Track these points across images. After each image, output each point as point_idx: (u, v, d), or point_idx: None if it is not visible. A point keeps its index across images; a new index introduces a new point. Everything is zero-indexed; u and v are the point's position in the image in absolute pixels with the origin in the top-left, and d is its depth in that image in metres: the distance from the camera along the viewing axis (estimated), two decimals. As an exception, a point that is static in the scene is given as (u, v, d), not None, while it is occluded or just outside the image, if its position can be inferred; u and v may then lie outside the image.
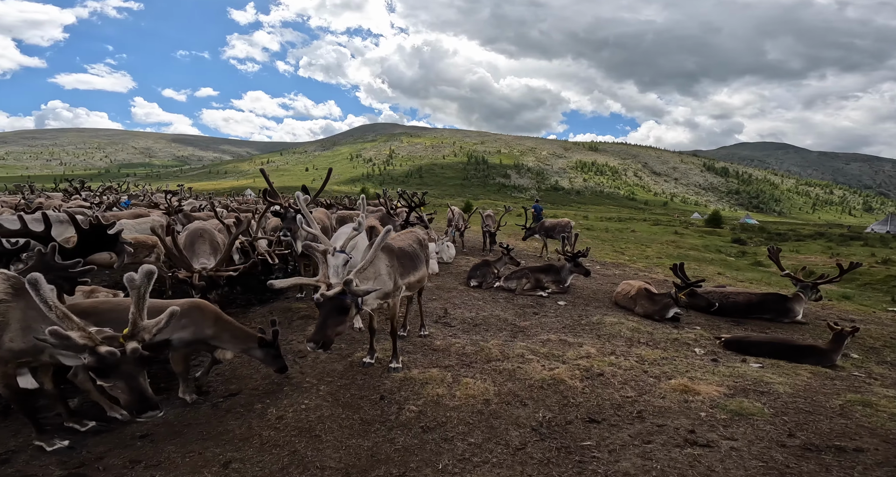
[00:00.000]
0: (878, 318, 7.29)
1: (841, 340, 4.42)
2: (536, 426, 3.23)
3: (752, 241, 31.66)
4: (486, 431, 3.18)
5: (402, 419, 3.33)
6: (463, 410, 3.45)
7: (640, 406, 3.53)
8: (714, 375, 4.08)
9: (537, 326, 5.88)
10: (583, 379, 3.96)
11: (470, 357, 4.55)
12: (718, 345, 5.03)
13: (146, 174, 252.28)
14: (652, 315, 6.18)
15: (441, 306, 6.89)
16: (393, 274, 3.90)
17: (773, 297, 6.17)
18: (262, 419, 3.32)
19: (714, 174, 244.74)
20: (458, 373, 4.12)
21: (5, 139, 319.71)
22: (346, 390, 3.80)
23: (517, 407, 3.51)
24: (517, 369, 4.15)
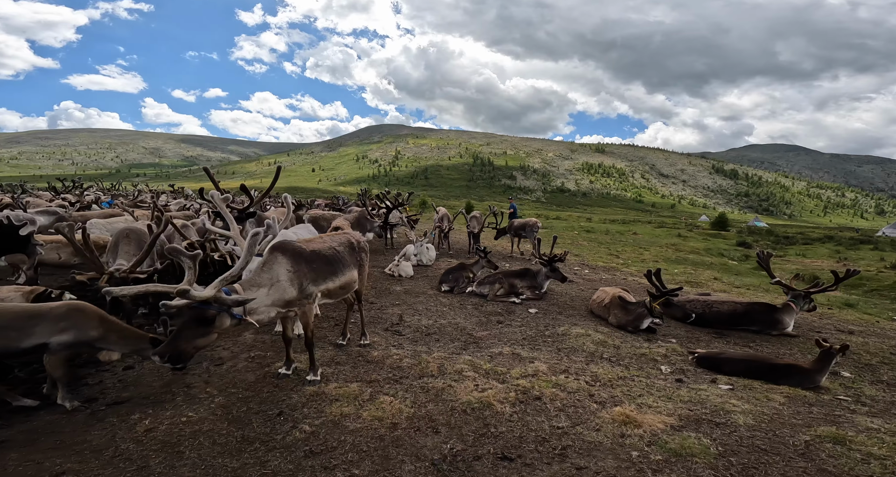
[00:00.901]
0: (881, 329, 6.65)
1: (827, 359, 3.85)
2: (438, 460, 2.81)
3: (758, 244, 30.76)
4: (377, 461, 2.81)
5: (288, 440, 3.00)
6: (363, 434, 3.09)
7: (568, 440, 3.02)
8: (669, 401, 3.55)
9: (495, 336, 5.37)
10: (515, 403, 3.50)
11: (403, 371, 4.17)
12: (691, 361, 4.47)
13: (156, 174, 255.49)
14: (625, 326, 5.62)
15: (398, 312, 6.42)
16: (298, 281, 3.53)
17: (760, 307, 5.57)
18: (129, 430, 3.07)
19: (723, 176, 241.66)
20: (381, 389, 3.75)
21: (18, 139, 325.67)
22: (244, 403, 3.48)
23: (427, 434, 3.10)
24: (447, 388, 3.74)
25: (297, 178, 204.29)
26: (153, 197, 18.86)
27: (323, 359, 4.47)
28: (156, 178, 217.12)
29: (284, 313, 3.54)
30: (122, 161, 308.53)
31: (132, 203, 16.17)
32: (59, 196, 16.35)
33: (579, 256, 15.25)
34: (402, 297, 7.68)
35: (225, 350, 4.80)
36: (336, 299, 4.30)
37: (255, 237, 3.08)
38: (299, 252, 3.70)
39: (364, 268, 4.67)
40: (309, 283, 3.63)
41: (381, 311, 6.75)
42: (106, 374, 3.99)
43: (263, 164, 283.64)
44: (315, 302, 3.81)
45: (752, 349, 5.02)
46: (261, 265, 3.47)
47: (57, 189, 19.25)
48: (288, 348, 4.02)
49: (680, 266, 14.76)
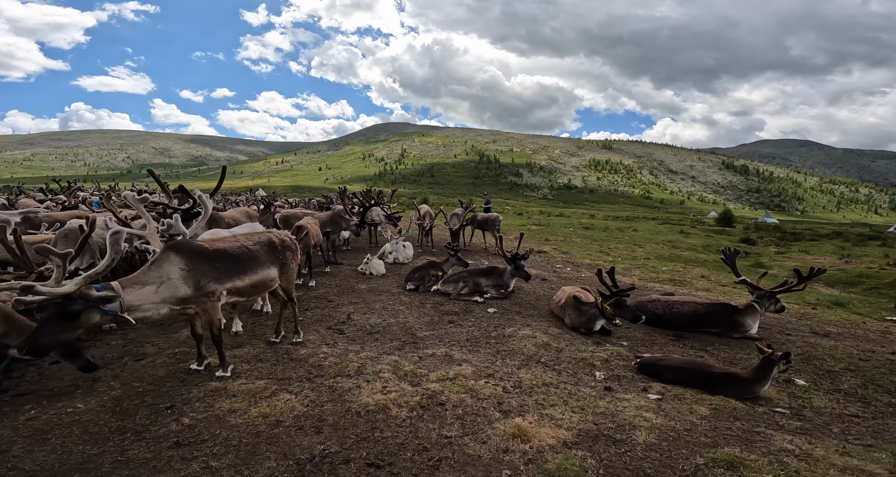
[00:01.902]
0: (863, 330, 6.26)
1: (768, 366, 3.51)
2: (304, 461, 2.74)
3: (763, 240, 30.02)
4: (241, 456, 2.78)
5: (161, 432, 3.04)
6: (241, 429, 3.08)
7: (448, 452, 2.81)
8: (580, 413, 3.28)
9: (439, 337, 5.14)
10: (415, 408, 3.36)
11: (321, 370, 4.08)
12: (633, 367, 4.16)
13: (166, 174, 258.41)
14: (578, 328, 5.31)
15: (349, 311, 6.23)
16: (194, 279, 3.50)
17: (722, 308, 5.21)
18: (13, 419, 3.17)
19: (733, 172, 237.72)
20: (287, 387, 3.71)
21: (31, 141, 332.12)
22: (140, 397, 3.54)
23: (308, 434, 3.04)
24: (353, 389, 3.66)
25: (303, 176, 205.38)
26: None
27: (247, 355, 4.41)
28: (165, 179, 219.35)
29: (180, 311, 3.50)
30: (133, 162, 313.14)
31: (122, 204, 16.19)
32: (50, 197, 16.44)
33: (567, 253, 14.90)
34: (364, 295, 7.46)
35: (153, 346, 4.78)
36: (250, 298, 4.24)
37: (116, 235, 2.93)
38: (198, 250, 3.66)
39: (288, 266, 4.55)
40: (210, 281, 3.60)
41: (334, 309, 6.56)
42: (32, 367, 4.11)
43: (270, 164, 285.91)
44: (220, 300, 3.75)
45: (708, 353, 4.69)
46: (150, 263, 3.40)
47: (54, 190, 19.37)
48: (199, 345, 4.00)
49: (671, 263, 14.33)
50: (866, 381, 3.95)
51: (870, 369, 4.18)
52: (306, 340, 4.91)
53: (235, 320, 5.34)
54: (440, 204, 50.16)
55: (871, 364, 4.29)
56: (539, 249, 15.13)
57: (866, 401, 3.62)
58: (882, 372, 4.11)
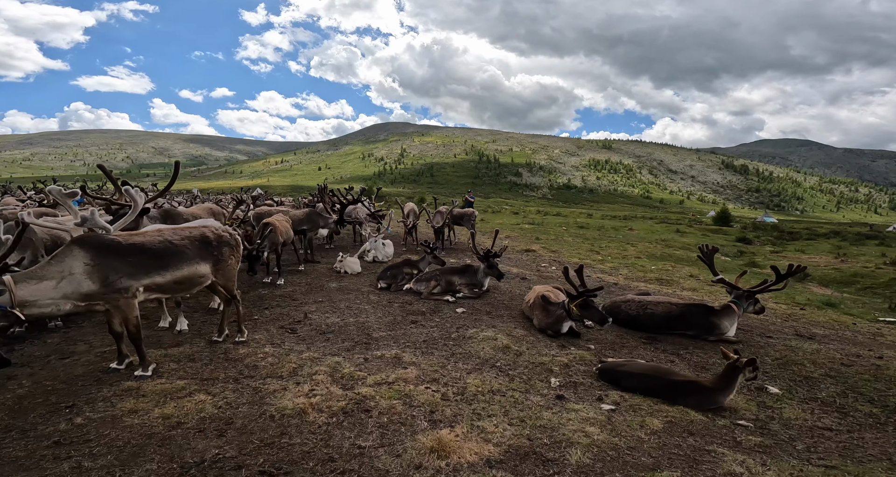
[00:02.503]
0: (852, 333, 5.93)
1: (732, 374, 3.19)
2: (190, 465, 2.58)
3: (760, 239, 29.70)
4: (122, 458, 2.64)
5: (47, 431, 2.91)
6: (135, 430, 2.93)
7: (356, 464, 2.61)
8: (518, 426, 2.98)
9: (395, 338, 4.88)
10: (336, 414, 3.15)
11: (254, 370, 3.91)
12: (595, 372, 3.83)
13: (165, 174, 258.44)
14: (545, 329, 4.98)
15: (307, 310, 5.96)
16: (101, 274, 3.34)
17: (697, 309, 4.87)
18: None
19: (733, 172, 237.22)
20: (208, 388, 3.54)
21: (31, 141, 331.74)
22: (45, 395, 3.42)
23: (208, 437, 2.88)
24: (278, 391, 3.49)
25: (303, 176, 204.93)
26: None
27: (181, 354, 4.28)
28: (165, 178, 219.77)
29: (87, 307, 3.32)
30: (133, 161, 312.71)
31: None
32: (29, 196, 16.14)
33: (556, 252, 14.57)
34: (332, 294, 7.15)
35: (85, 344, 4.60)
36: (175, 294, 4.11)
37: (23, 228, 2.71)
38: (108, 245, 3.44)
39: (225, 262, 4.30)
40: (121, 276, 3.40)
41: (295, 307, 6.27)
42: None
43: (270, 163, 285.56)
44: (136, 297, 3.55)
45: (679, 358, 4.36)
46: (51, 257, 3.14)
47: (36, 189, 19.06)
48: (118, 343, 3.85)
49: (661, 262, 13.99)
50: (847, 388, 3.63)
51: (852, 376, 3.85)
52: (252, 340, 4.69)
53: (180, 318, 5.13)
54: (439, 203, 49.90)
55: (854, 370, 3.96)
56: (527, 247, 14.81)
57: (844, 411, 3.29)
58: (865, 379, 3.78)
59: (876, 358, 4.36)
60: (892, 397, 3.45)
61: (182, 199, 16.42)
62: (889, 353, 4.68)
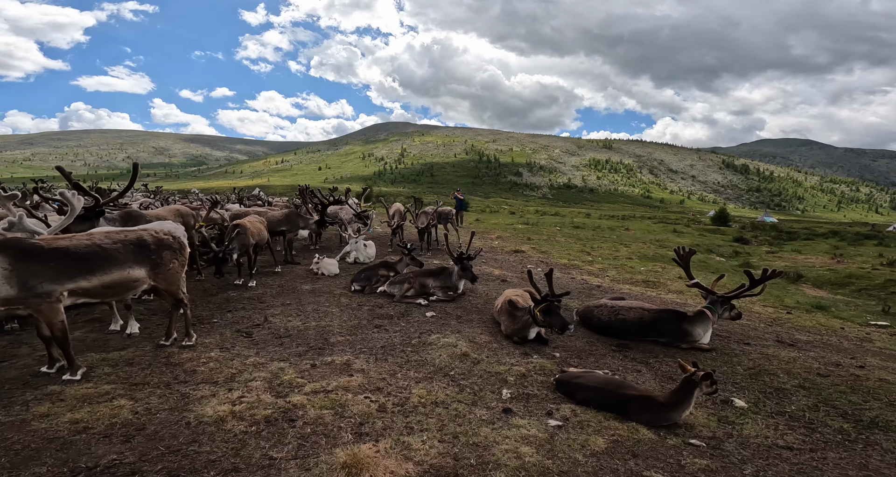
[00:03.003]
0: (838, 338, 5.69)
1: (688, 388, 2.96)
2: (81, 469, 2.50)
3: (757, 239, 29.45)
4: (15, 461, 2.56)
5: None
6: (38, 434, 2.82)
7: (260, 475, 2.50)
8: (448, 441, 2.80)
9: (354, 342, 4.72)
10: (258, 422, 3.02)
11: (191, 376, 3.79)
12: (552, 383, 3.60)
13: (165, 174, 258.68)
14: (512, 336, 4.75)
15: (269, 313, 5.80)
16: (20, 278, 3.23)
17: (669, 315, 4.63)
18: None
19: (734, 172, 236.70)
20: (133, 393, 3.43)
21: (31, 141, 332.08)
22: None
23: (112, 443, 2.76)
24: (205, 397, 3.37)
25: (303, 176, 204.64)
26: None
27: (120, 358, 4.15)
28: (165, 178, 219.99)
29: (6, 312, 3.23)
30: (134, 161, 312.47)
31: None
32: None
33: (546, 252, 14.33)
34: (302, 296, 6.94)
35: (29, 347, 4.46)
36: (108, 299, 4.00)
37: None
38: (28, 249, 3.30)
39: (165, 266, 4.16)
40: (42, 281, 3.28)
41: (260, 311, 6.08)
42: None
43: (270, 163, 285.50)
44: (60, 302, 3.43)
45: (648, 367, 4.11)
46: None
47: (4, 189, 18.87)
48: (48, 347, 3.78)
49: (652, 263, 13.75)
50: (819, 401, 3.39)
51: (827, 387, 3.61)
52: (201, 344, 4.56)
53: (131, 321, 5.02)
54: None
55: (831, 381, 3.72)
56: (517, 248, 14.57)
57: (812, 427, 3.06)
58: (841, 390, 3.54)
59: (857, 367, 4.12)
60: (867, 411, 3.22)
61: (151, 201, 16.29)
62: (872, 361, 4.44)
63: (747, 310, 7.08)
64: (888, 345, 5.56)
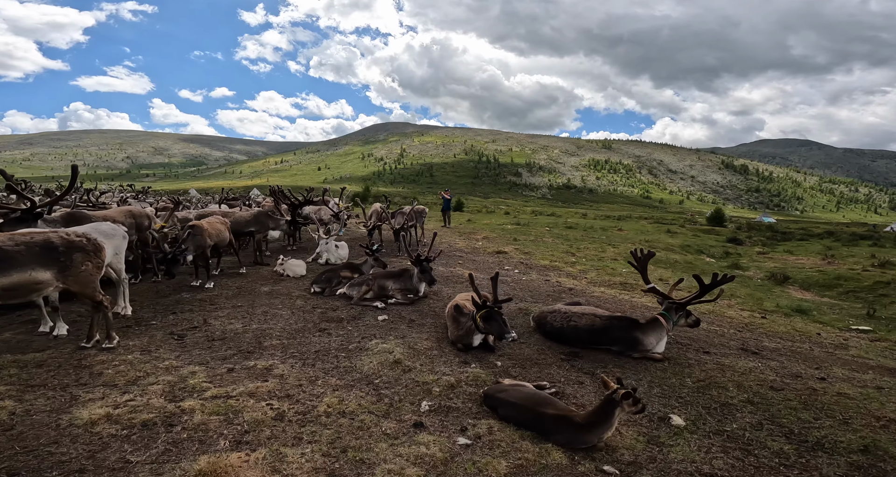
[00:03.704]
0: (808, 346, 5.40)
1: (609, 408, 2.67)
2: None
3: (751, 240, 29.20)
4: None
5: None
6: None
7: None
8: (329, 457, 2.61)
9: (287, 347, 4.49)
10: (133, 426, 2.91)
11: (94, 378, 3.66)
12: (481, 396, 3.32)
13: (165, 174, 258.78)
14: (456, 342, 4.47)
15: (209, 316, 5.58)
16: None
17: (620, 322, 4.33)
18: None
19: (733, 172, 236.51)
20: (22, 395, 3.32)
21: (31, 141, 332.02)
22: None
23: None
24: (94, 400, 3.25)
25: (302, 176, 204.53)
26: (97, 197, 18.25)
27: (33, 360, 4.00)
28: (164, 179, 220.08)
29: None
30: (133, 161, 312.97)
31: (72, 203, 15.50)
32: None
33: (529, 254, 14.03)
34: (257, 298, 6.67)
35: None
36: (9, 301, 3.86)
37: None
38: None
39: (77, 268, 4.02)
40: None
41: (206, 313, 5.87)
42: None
43: (270, 163, 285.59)
44: None
45: (593, 378, 3.79)
46: None
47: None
48: None
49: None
50: (765, 418, 3.10)
51: (778, 402, 3.32)
52: (125, 346, 4.42)
53: (59, 323, 4.85)
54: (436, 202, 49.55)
55: (784, 395, 3.44)
56: (500, 249, 14.28)
57: (748, 449, 2.77)
58: (792, 406, 3.25)
59: (817, 379, 3.83)
60: (815, 431, 2.93)
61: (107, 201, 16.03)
62: (838, 372, 4.16)
63: (719, 314, 6.80)
64: (863, 352, 5.27)
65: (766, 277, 13.87)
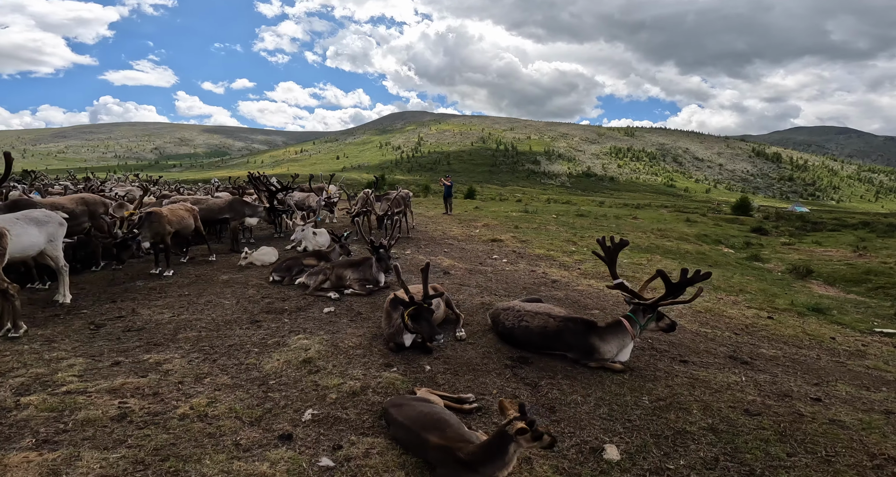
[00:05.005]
0: (815, 354, 4.59)
1: (500, 443, 2.02)
2: None
3: (778, 230, 27.45)
4: None
5: None
6: None
7: None
8: (141, 466, 2.22)
9: (202, 340, 4.11)
10: None
11: None
12: (381, 410, 2.74)
13: (191, 164, 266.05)
14: (388, 341, 3.88)
15: (145, 305, 5.23)
16: None
17: (574, 325, 3.60)
18: None
19: (765, 160, 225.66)
20: None
21: (65, 134, 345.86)
22: None
23: None
24: None
25: (321, 165, 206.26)
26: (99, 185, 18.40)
27: None
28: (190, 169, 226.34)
29: None
30: (161, 152, 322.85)
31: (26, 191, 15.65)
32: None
33: (526, 242, 13.27)
34: (209, 287, 6.29)
35: None
36: None
37: None
38: None
39: None
40: None
41: (148, 301, 5.50)
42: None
43: (290, 153, 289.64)
44: None
45: (536, 391, 3.14)
46: None
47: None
48: None
49: (641, 255, 12.53)
50: (725, 453, 2.39)
51: (748, 431, 2.60)
52: (34, 335, 4.16)
53: None
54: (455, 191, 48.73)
55: (759, 421, 2.70)
56: (496, 237, 13.56)
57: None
58: (763, 437, 2.52)
59: (810, 400, 3.06)
60: (782, 472, 2.21)
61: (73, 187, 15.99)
62: (842, 389, 3.38)
63: (717, 313, 5.99)
64: (882, 363, 4.42)
65: (786, 271, 12.71)
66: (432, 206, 23.54)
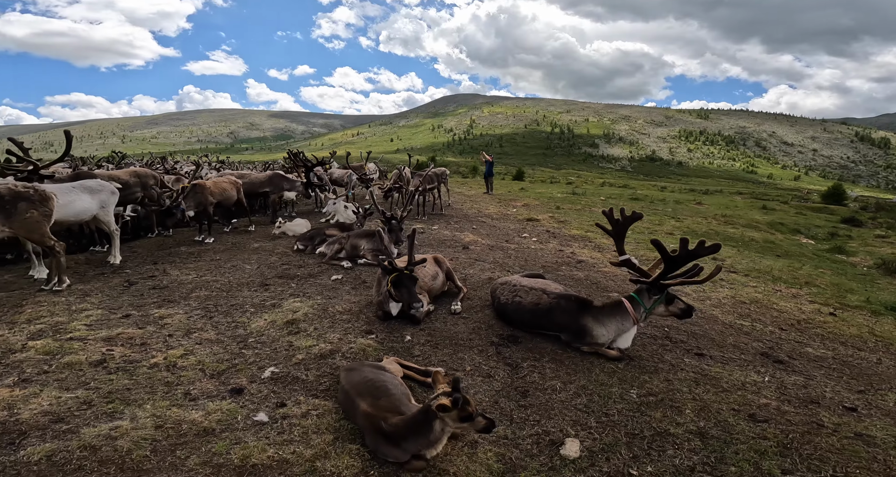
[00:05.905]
0: (876, 358, 3.85)
1: (424, 420, 1.71)
2: None
3: (875, 222, 23.74)
4: None
5: None
6: None
7: None
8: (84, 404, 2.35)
9: (209, 298, 4.38)
10: None
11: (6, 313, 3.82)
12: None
13: (260, 147, 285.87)
14: (377, 309, 3.80)
15: (177, 267, 5.67)
16: None
17: (567, 303, 3.19)
18: None
19: (870, 146, 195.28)
20: None
21: (156, 121, 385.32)
22: None
23: None
24: None
25: (376, 147, 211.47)
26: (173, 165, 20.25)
27: None
28: (260, 151, 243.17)
29: None
30: (235, 137, 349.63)
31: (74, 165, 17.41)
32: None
33: (563, 223, 12.60)
34: (239, 253, 6.72)
35: None
36: None
37: None
38: None
39: (21, 216, 4.32)
40: None
41: (182, 264, 6.01)
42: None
43: (348, 135, 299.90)
44: None
45: (517, 371, 2.86)
46: None
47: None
48: None
49: (696, 240, 11.38)
50: (707, 463, 1.93)
51: (745, 440, 2.10)
52: (74, 290, 4.59)
53: (38, 267, 5.26)
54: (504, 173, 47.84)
55: (762, 430, 2.19)
56: (533, 216, 13.03)
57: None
58: (760, 449, 2.00)
59: (841, 409, 2.47)
60: None
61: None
62: (891, 399, 2.76)
63: (765, 305, 5.22)
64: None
65: (874, 265, 10.94)
66: (476, 186, 23.14)
